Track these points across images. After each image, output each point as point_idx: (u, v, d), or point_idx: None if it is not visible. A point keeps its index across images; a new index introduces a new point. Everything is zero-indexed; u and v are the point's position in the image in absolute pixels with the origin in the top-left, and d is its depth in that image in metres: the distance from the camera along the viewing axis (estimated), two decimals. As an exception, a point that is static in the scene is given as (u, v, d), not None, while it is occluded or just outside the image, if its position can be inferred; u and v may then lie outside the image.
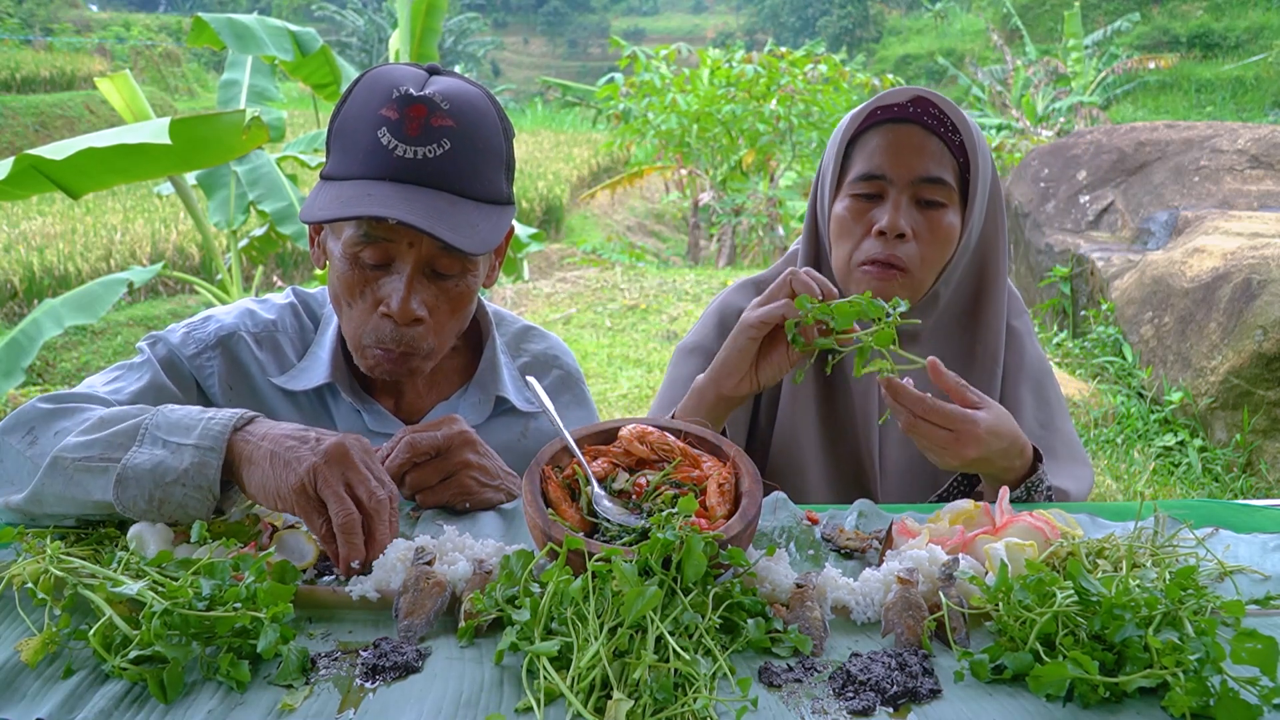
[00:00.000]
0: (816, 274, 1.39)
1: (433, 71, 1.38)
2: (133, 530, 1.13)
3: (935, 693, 0.92)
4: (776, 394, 1.75)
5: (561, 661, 0.92)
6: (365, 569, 1.10)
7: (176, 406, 1.21)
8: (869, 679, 0.93)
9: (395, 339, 1.37)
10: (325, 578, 1.14)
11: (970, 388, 1.40)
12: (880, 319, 1.27)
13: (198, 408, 1.20)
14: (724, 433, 1.55)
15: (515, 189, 1.48)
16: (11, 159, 3.74)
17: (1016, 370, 1.74)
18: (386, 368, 1.40)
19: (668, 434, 1.24)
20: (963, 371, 1.66)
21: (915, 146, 1.59)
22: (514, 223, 1.44)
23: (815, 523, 1.32)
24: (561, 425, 1.25)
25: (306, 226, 1.42)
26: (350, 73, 5.97)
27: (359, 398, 1.52)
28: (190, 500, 1.13)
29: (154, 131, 3.75)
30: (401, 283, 1.33)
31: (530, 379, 1.43)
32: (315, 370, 1.52)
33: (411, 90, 1.31)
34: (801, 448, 1.70)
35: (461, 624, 1.01)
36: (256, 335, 1.54)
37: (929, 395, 1.38)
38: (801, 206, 13.56)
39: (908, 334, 1.66)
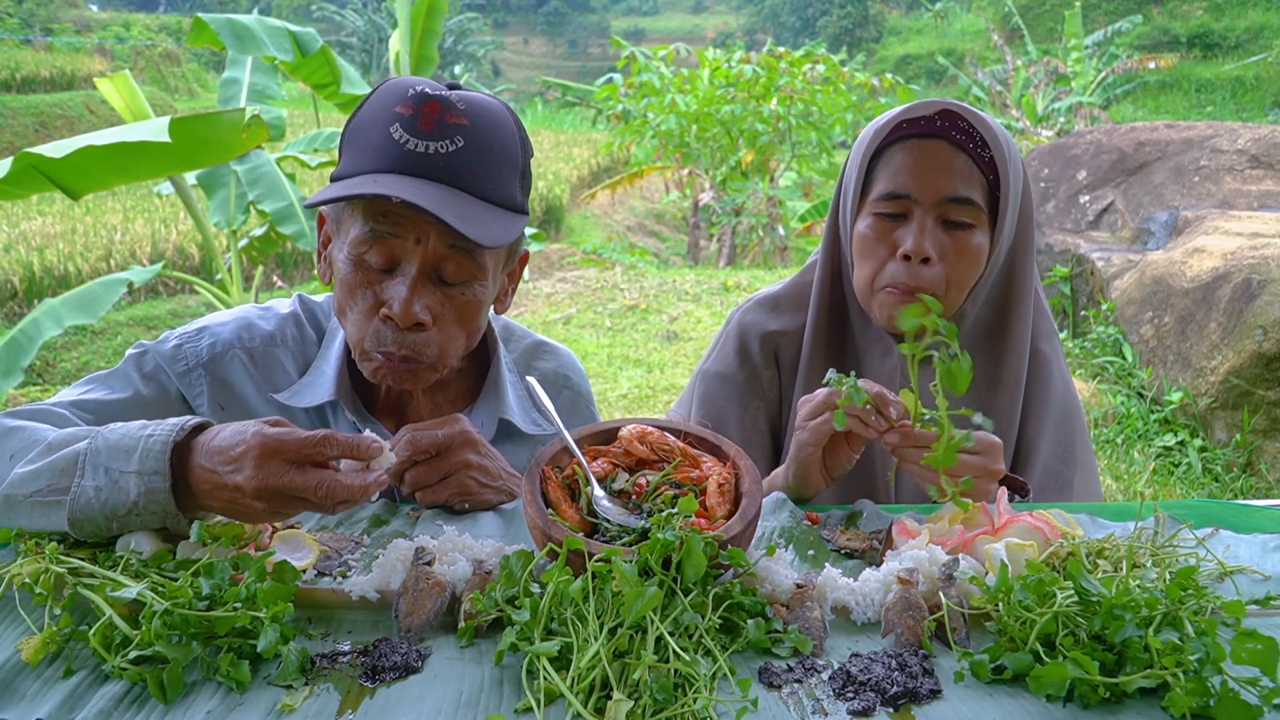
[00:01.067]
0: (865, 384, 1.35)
1: (453, 87, 1.34)
2: (120, 542, 1.12)
3: (935, 693, 0.92)
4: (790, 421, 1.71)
5: (561, 662, 0.92)
6: (390, 479, 1.09)
7: (117, 425, 1.13)
8: (869, 679, 0.93)
9: (396, 343, 1.32)
10: (325, 578, 1.14)
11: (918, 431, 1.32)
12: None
13: (138, 423, 1.12)
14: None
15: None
16: (11, 158, 3.74)
17: (1042, 402, 1.66)
18: (388, 373, 1.35)
19: (668, 434, 1.23)
20: (984, 394, 1.61)
21: (941, 165, 1.52)
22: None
23: (815, 523, 1.32)
24: (562, 425, 1.24)
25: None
26: (350, 73, 5.97)
27: (361, 417, 1.48)
28: (152, 522, 1.10)
29: (154, 130, 3.75)
30: (405, 285, 1.29)
31: (530, 380, 1.41)
32: (319, 386, 1.47)
33: (428, 90, 1.29)
34: None
35: (461, 624, 1.01)
36: (252, 351, 1.48)
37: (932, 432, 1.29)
38: (801, 206, 13.55)
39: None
